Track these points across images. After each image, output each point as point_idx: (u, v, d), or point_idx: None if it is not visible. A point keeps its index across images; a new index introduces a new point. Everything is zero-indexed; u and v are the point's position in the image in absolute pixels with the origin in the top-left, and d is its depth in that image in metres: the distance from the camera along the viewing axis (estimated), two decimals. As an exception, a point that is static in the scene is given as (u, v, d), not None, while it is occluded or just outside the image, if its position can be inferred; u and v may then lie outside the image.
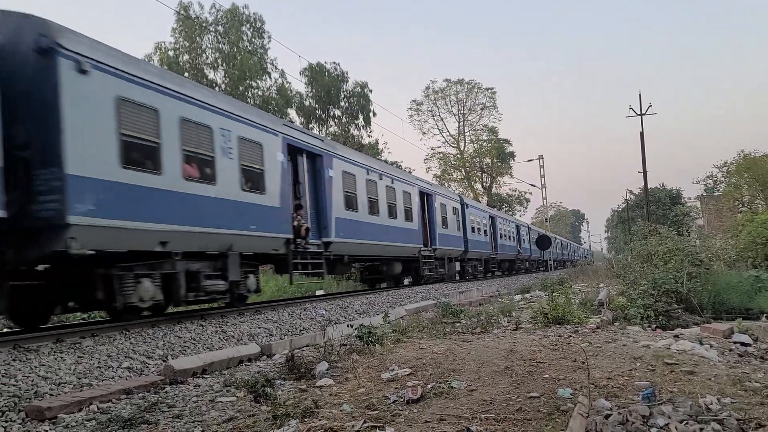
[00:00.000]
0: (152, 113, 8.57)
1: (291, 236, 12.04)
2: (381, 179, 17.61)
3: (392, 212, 18.17)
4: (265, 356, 7.66)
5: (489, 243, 31.02)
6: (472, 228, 27.66)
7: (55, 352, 6.61)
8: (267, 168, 11.43)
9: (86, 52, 7.58)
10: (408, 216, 20.27)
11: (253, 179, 11.05)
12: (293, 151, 12.89)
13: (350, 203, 15.16)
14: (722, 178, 45.97)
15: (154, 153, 8.59)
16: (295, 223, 12.36)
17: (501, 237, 34.14)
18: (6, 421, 4.65)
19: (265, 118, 12.44)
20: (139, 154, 8.39)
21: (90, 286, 8.23)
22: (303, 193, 13.25)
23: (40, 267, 8.02)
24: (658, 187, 52.48)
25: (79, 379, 5.95)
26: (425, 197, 22.10)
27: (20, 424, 4.62)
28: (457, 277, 26.10)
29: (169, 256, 8.82)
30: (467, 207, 27.69)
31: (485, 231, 30.41)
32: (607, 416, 3.87)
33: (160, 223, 8.54)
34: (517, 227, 40.61)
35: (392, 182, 18.54)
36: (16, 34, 7.36)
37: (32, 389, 5.42)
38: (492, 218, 32.87)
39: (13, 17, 7.54)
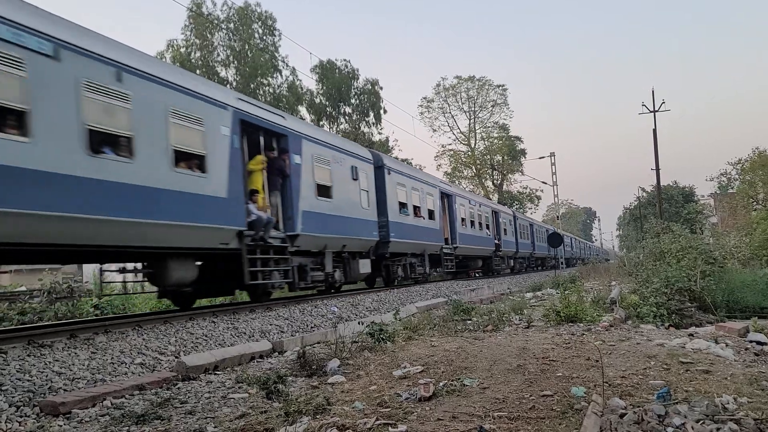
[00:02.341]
0: None
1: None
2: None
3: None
4: (276, 353, 7.67)
5: (530, 245, 41.30)
6: (521, 233, 37.71)
7: (68, 347, 6.67)
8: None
9: None
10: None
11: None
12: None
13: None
14: (736, 176, 45.43)
15: None
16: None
17: (537, 239, 43.54)
18: (21, 416, 4.70)
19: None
20: None
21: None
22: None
23: None
24: (671, 184, 52.19)
25: (93, 374, 6.00)
26: (497, 214, 30.70)
27: (35, 418, 4.66)
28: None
29: None
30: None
31: (528, 235, 40.66)
32: (621, 415, 3.82)
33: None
34: (541, 228, 47.77)
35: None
36: None
37: (46, 384, 5.47)
38: (531, 225, 42.87)
39: None
